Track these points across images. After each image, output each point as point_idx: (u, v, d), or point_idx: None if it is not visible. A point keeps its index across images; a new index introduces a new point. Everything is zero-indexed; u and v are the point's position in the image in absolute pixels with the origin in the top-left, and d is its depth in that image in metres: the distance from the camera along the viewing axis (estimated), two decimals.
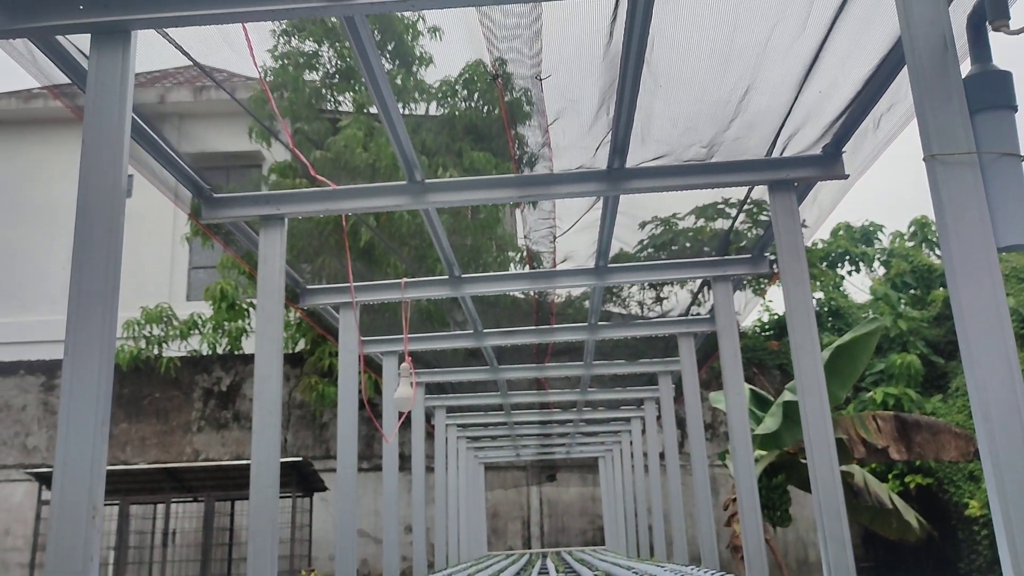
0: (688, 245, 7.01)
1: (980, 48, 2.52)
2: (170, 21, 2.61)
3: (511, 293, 6.53)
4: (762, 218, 5.85)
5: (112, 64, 2.59)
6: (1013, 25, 2.38)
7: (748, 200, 5.21)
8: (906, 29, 2.53)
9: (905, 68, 3.15)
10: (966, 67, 2.64)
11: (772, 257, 5.61)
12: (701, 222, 6.73)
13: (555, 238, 5.11)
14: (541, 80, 3.23)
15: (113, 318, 2.40)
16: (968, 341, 2.29)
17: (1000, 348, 2.27)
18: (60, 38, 2.81)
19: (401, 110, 12.98)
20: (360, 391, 5.76)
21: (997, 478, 2.18)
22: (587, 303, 6.73)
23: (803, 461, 10.18)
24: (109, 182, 2.53)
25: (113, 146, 2.55)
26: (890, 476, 14.60)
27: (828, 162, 3.95)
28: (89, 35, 2.62)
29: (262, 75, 5.30)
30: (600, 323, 6.98)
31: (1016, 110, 2.43)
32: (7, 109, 17.36)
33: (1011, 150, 2.36)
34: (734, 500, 10.82)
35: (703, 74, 3.28)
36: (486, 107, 12.84)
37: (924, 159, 2.44)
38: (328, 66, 13.58)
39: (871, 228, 19.45)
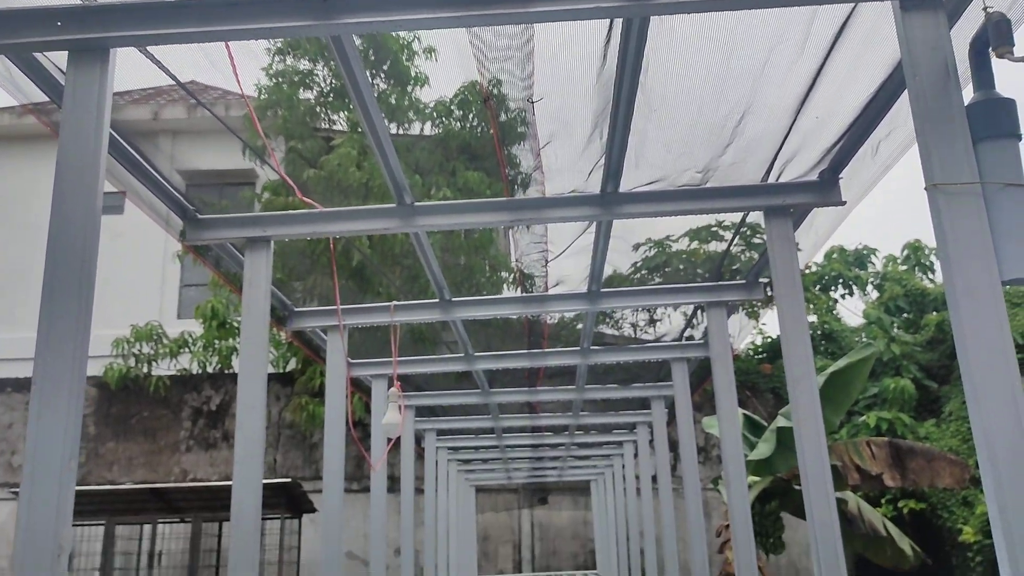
0: (682, 268, 6.94)
1: (983, 75, 2.44)
2: (149, 39, 2.52)
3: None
4: (757, 241, 5.77)
5: (89, 82, 2.50)
6: (1017, 52, 2.30)
7: (743, 224, 5.14)
8: (907, 54, 2.46)
9: (905, 94, 3.09)
10: (968, 93, 2.57)
11: (766, 282, 5.53)
12: (695, 244, 6.66)
13: (547, 262, 5.03)
14: (533, 103, 3.16)
15: (83, 354, 2.29)
16: (972, 380, 2.20)
17: (1006, 386, 2.17)
18: (38, 55, 2.73)
19: (396, 130, 12.86)
20: (349, 413, 5.67)
21: (1004, 523, 2.08)
22: (580, 325, 6.63)
23: (796, 487, 10.06)
24: (83, 204, 2.44)
25: (89, 167, 2.47)
26: (883, 501, 14.50)
27: (825, 188, 3.88)
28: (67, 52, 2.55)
29: (247, 98, 5.23)
30: (593, 347, 6.89)
31: (1020, 139, 2.35)
32: (1, 125, 17.27)
33: (1015, 180, 2.28)
34: (727, 526, 10.70)
35: (698, 98, 3.21)
36: (480, 127, 12.78)
37: (926, 188, 2.37)
38: (323, 85, 13.54)
39: (864, 252, 19.43)
